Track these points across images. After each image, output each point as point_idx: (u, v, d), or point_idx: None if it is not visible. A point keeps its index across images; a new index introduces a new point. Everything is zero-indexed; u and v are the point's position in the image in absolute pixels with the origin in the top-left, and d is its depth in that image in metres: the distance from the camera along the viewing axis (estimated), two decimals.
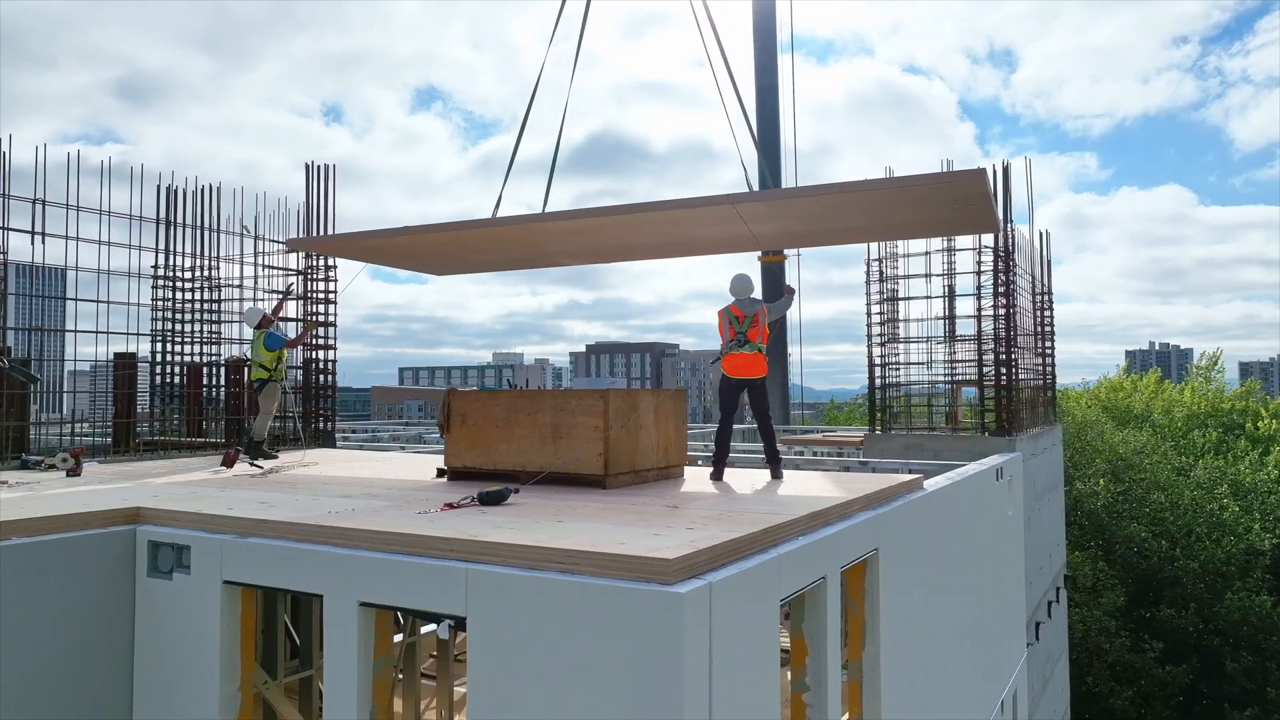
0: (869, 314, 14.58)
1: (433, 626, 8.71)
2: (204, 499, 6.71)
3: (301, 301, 13.04)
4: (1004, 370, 13.56)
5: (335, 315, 13.19)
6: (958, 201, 8.03)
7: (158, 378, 12.98)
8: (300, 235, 12.97)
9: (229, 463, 9.37)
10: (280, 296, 11.80)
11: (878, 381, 14.74)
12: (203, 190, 13.01)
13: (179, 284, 12.88)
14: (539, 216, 9.01)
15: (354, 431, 21.56)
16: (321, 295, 13.05)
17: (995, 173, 13.89)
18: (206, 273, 13.07)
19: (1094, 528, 28.32)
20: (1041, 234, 19.32)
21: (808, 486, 7.51)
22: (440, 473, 8.40)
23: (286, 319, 12.41)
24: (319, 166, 13.18)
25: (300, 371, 12.93)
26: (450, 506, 6.13)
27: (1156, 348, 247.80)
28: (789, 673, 5.83)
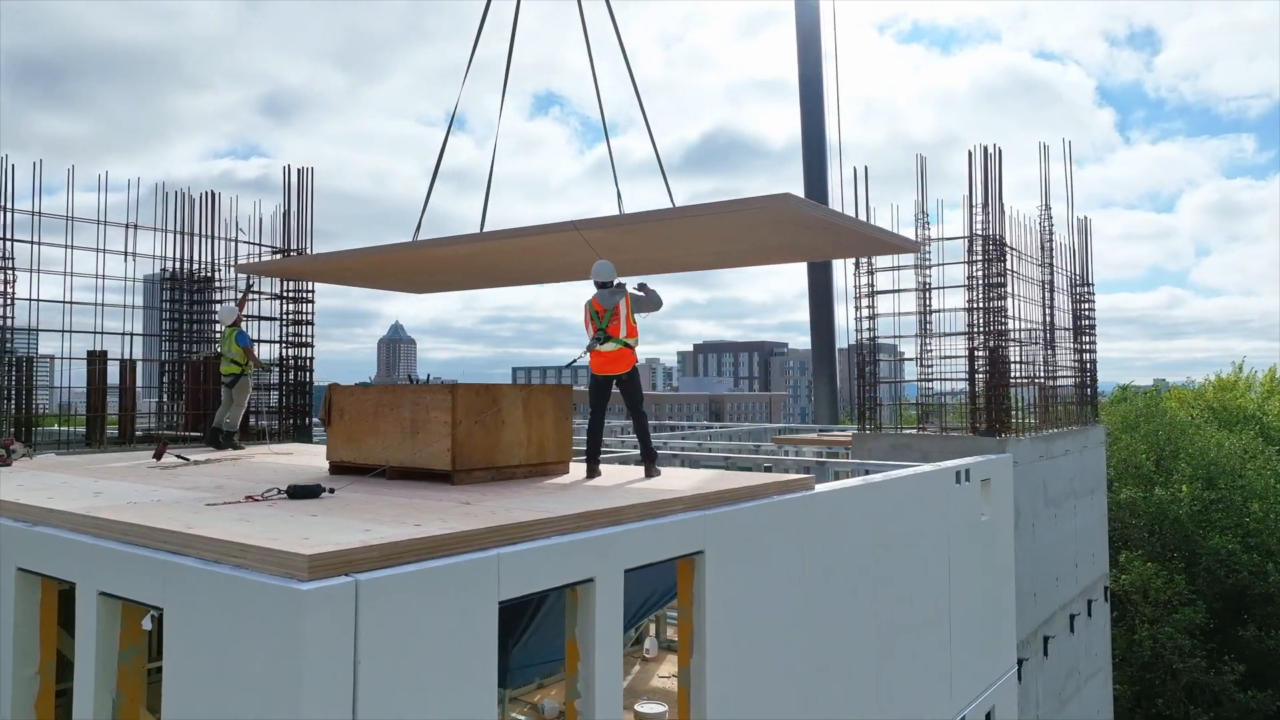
0: (859, 308, 13.94)
1: None
2: (48, 489, 6.95)
3: (278, 300, 13.43)
4: (993, 368, 12.72)
5: (312, 314, 13.55)
6: (799, 226, 7.94)
7: (164, 376, 13.67)
8: (281, 240, 13.41)
9: (159, 455, 9.72)
10: (243, 293, 12.24)
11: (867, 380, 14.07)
12: (205, 196, 13.61)
13: (181, 286, 13.50)
14: (413, 244, 9.53)
15: None
16: (292, 294, 13.40)
17: (974, 158, 13.04)
18: (202, 275, 13.65)
19: (1177, 537, 26.34)
20: (1081, 220, 18.10)
21: (654, 485, 7.21)
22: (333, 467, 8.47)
23: (252, 316, 12.85)
24: (297, 171, 13.56)
25: (278, 369, 13.32)
26: (251, 499, 6.15)
27: None
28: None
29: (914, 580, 9.52)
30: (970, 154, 12.99)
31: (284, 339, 13.31)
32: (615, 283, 7.80)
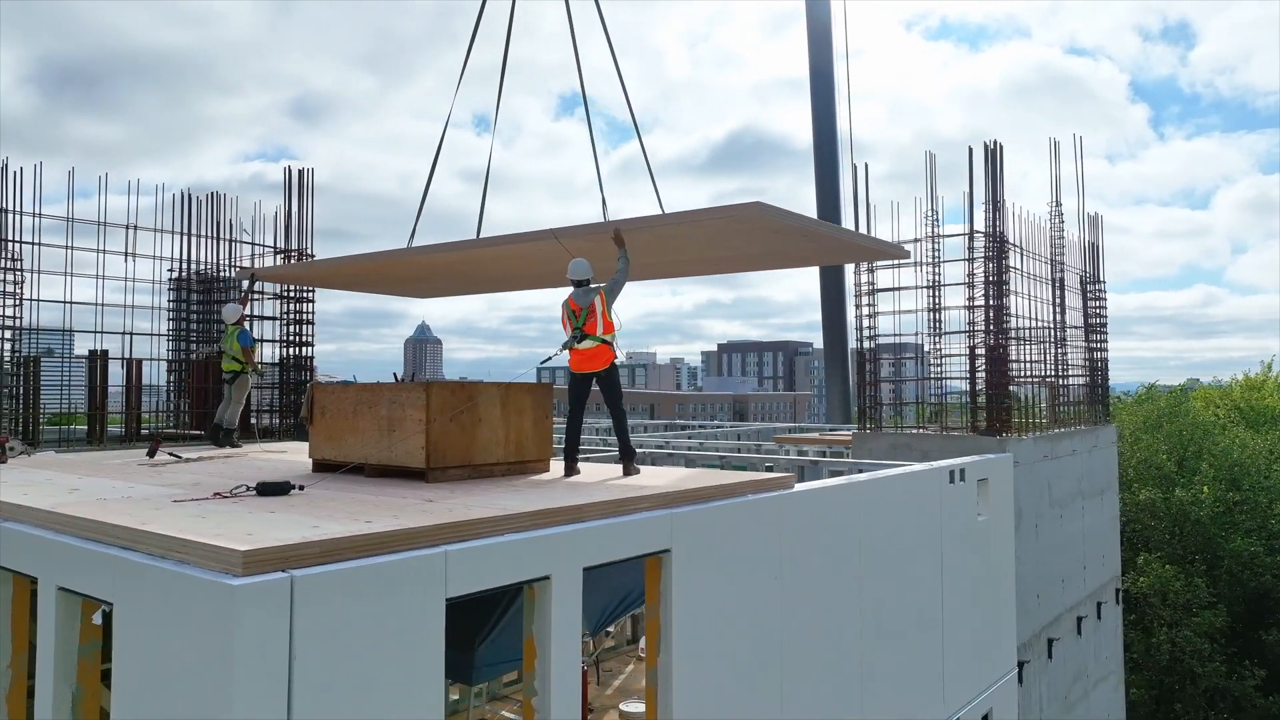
0: (858, 306, 13.82)
1: None
2: (28, 486, 7.05)
3: (279, 300, 13.56)
4: (993, 367, 12.56)
5: (312, 314, 13.67)
6: (777, 233, 7.90)
7: (172, 375, 13.86)
8: (280, 239, 13.54)
9: (153, 453, 9.83)
10: (245, 292, 12.36)
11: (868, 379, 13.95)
12: (208, 199, 13.78)
13: (188, 286, 13.67)
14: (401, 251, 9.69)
15: None
16: (293, 294, 13.52)
17: (974, 154, 12.88)
18: (210, 276, 13.81)
19: (1198, 540, 25.86)
20: (1091, 217, 17.84)
21: (627, 483, 7.19)
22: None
23: (254, 316, 12.97)
24: (297, 172, 13.67)
25: (265, 374, 13.44)
26: (219, 496, 6.20)
27: None
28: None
29: (903, 580, 9.41)
30: (970, 150, 12.84)
31: (284, 338, 13.42)
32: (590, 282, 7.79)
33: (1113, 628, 16.75)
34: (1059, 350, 16.09)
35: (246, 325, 11.98)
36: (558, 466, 8.21)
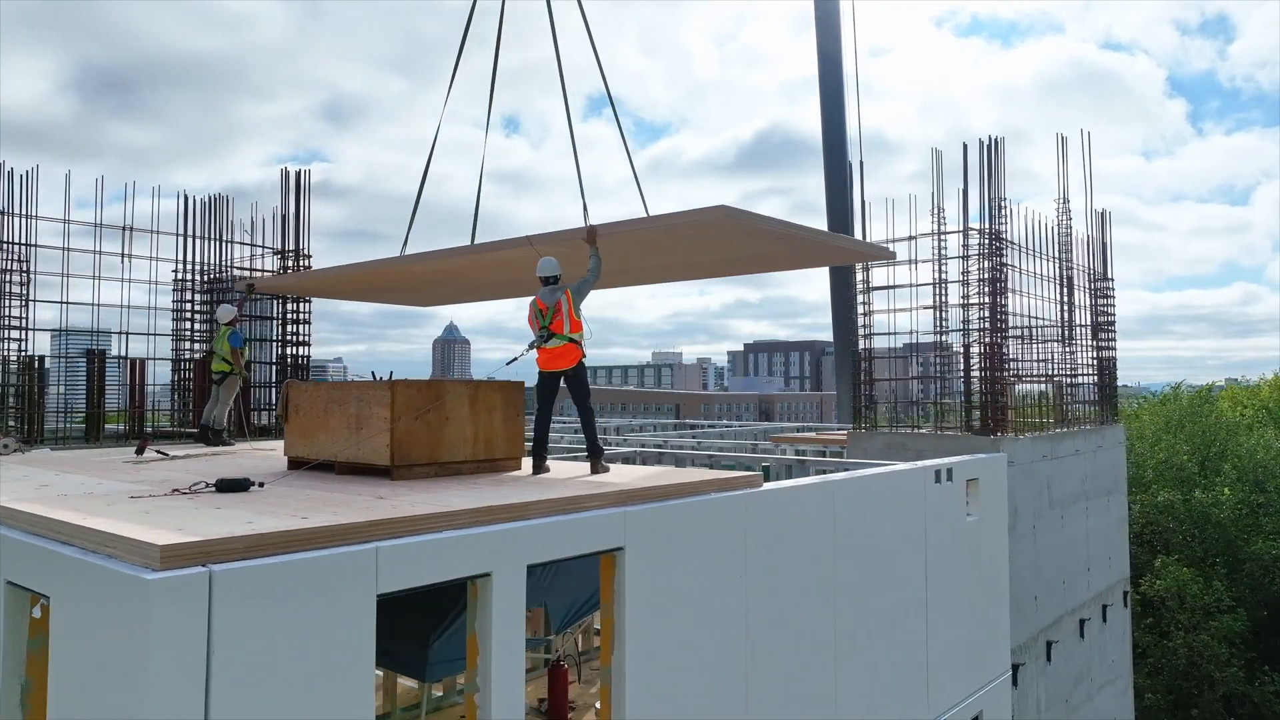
0: (855, 304, 13.72)
1: None
2: (4, 482, 7.19)
3: (275, 300, 13.71)
4: (989, 365, 12.42)
5: (309, 314, 13.81)
6: (752, 237, 7.90)
7: (175, 375, 14.08)
8: (277, 240, 13.71)
9: (141, 450, 9.99)
10: (243, 296, 12.51)
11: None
12: (212, 201, 13.98)
13: (190, 287, 13.88)
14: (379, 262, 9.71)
15: None
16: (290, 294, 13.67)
17: (972, 149, 12.74)
18: (210, 278, 14.01)
19: (1219, 542, 25.38)
20: (1100, 213, 17.58)
21: (591, 482, 7.19)
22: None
23: (252, 317, 13.14)
24: (295, 173, 13.82)
25: (274, 368, 13.60)
26: (177, 492, 6.28)
27: None
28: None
29: (883, 580, 9.33)
30: (965, 146, 12.71)
31: (281, 338, 13.57)
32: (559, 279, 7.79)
33: (1120, 631, 16.48)
34: (1065, 349, 15.89)
35: (239, 327, 12.10)
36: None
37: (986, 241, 12.32)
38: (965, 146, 12.76)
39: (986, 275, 12.32)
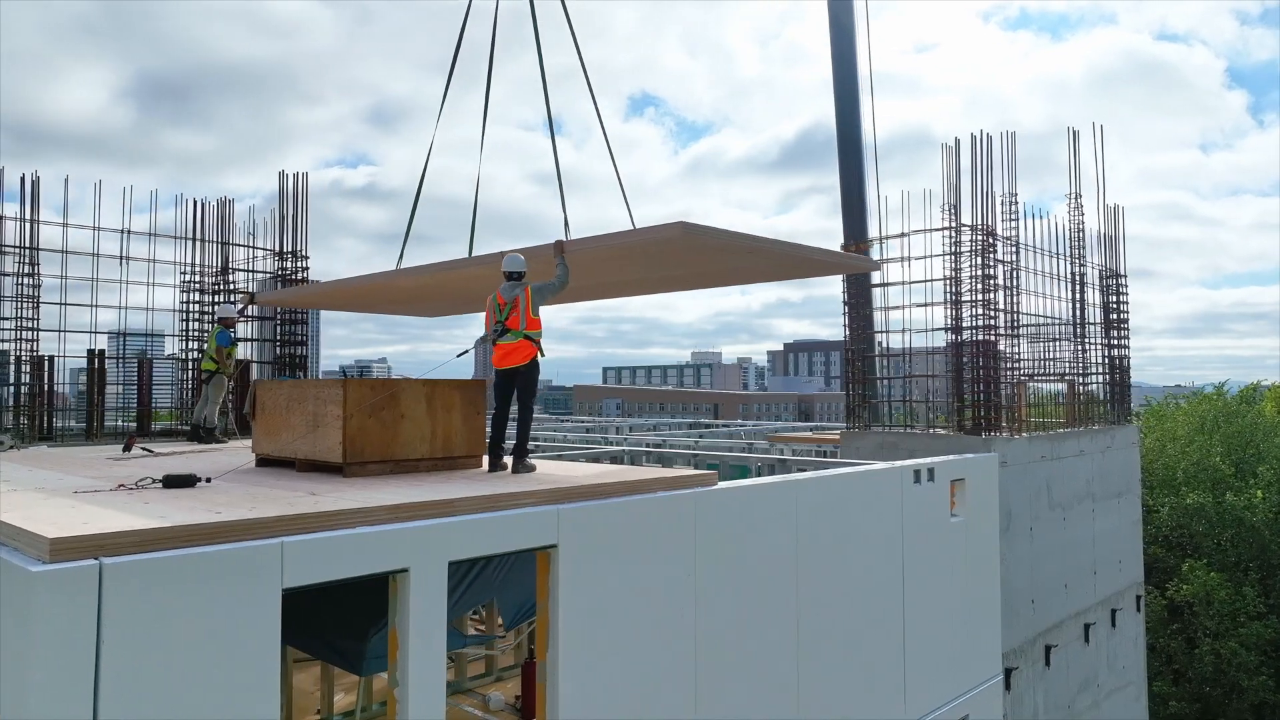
0: (844, 304, 13.59)
1: None
2: None
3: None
4: (981, 364, 12.21)
5: (306, 314, 14.01)
6: (721, 252, 7.85)
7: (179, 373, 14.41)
8: (275, 242, 13.96)
9: (128, 447, 10.24)
10: (244, 303, 12.78)
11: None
12: (218, 204, 14.28)
13: (195, 288, 14.19)
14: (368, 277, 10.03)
15: None
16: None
17: (960, 145, 12.51)
18: (214, 280, 14.30)
19: (1253, 547, 24.65)
20: (1112, 209, 17.18)
21: (528, 479, 7.22)
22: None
23: (250, 317, 13.40)
24: (291, 176, 14.04)
25: (274, 368, 13.83)
26: (124, 487, 6.43)
27: None
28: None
29: (852, 581, 9.22)
30: (956, 140, 12.51)
31: (279, 338, 13.80)
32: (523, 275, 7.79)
33: (1132, 637, 16.09)
34: (1077, 348, 15.56)
35: (234, 329, 12.35)
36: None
37: (978, 238, 12.11)
38: (956, 141, 12.57)
39: (979, 272, 12.12)
